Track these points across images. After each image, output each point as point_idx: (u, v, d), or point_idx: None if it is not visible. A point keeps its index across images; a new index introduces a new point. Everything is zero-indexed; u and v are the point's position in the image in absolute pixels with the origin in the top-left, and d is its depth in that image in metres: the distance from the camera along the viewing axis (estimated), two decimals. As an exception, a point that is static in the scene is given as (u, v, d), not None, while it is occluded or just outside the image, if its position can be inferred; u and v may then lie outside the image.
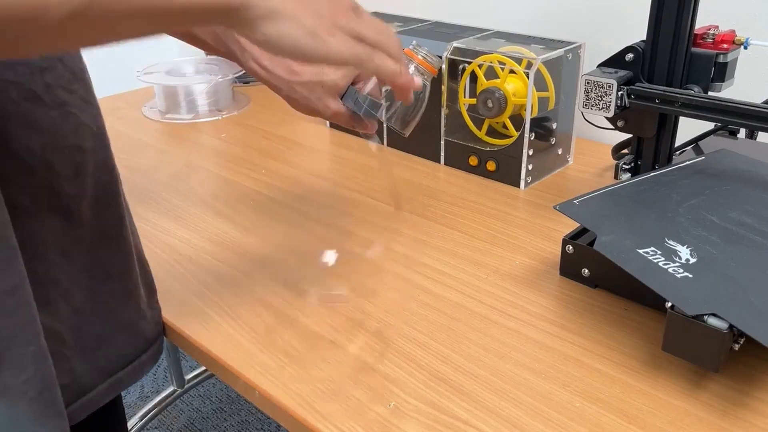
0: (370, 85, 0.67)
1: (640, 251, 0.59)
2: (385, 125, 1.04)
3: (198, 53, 1.49)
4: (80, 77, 0.55)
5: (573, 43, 0.93)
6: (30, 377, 0.49)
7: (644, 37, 0.74)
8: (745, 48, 0.72)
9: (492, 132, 0.96)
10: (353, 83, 0.67)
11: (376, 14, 1.16)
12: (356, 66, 0.51)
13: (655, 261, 0.58)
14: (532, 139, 0.89)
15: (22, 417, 0.49)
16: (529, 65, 0.87)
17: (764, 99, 0.73)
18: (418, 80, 0.59)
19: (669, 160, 0.78)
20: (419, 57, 0.67)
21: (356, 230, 0.81)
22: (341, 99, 0.67)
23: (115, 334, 0.60)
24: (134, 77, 1.22)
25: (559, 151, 0.96)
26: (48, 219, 0.52)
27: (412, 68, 0.66)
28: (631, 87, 0.73)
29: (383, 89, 0.67)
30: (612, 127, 0.78)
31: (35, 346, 0.50)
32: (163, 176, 0.97)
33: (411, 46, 0.68)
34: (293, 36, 0.45)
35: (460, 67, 0.96)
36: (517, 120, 0.91)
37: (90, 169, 0.55)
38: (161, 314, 0.66)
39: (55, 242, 0.53)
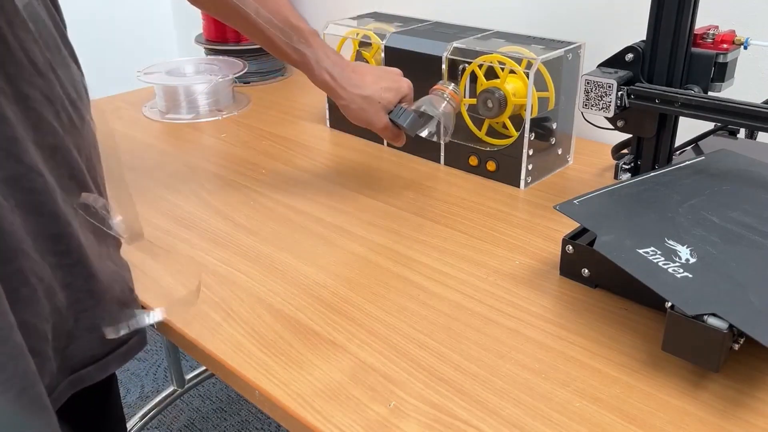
0: (413, 105, 0.85)
1: (640, 251, 0.59)
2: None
3: (198, 53, 1.50)
4: (43, 73, 0.53)
5: (573, 43, 0.93)
6: (9, 376, 0.49)
7: (644, 37, 0.74)
8: (745, 48, 0.72)
9: (492, 132, 0.96)
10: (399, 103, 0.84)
11: (376, 14, 1.16)
12: None
13: (655, 261, 0.58)
14: (532, 139, 0.89)
15: (8, 414, 0.49)
16: (529, 65, 0.87)
17: (764, 99, 0.73)
18: None
19: (669, 160, 0.78)
20: (450, 89, 0.87)
21: (356, 230, 0.81)
22: (389, 114, 0.84)
23: (84, 333, 0.59)
24: (134, 77, 1.22)
25: (559, 151, 0.96)
26: (22, 215, 0.51)
27: (447, 99, 0.86)
28: (631, 87, 0.73)
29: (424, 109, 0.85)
30: (612, 127, 0.78)
31: (10, 345, 0.49)
32: (163, 176, 0.97)
33: (441, 83, 0.88)
34: None
35: (460, 67, 0.96)
36: (517, 120, 0.91)
37: (54, 167, 0.54)
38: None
39: (32, 240, 0.52)
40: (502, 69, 0.90)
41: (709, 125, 0.85)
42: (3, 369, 0.48)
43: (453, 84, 0.87)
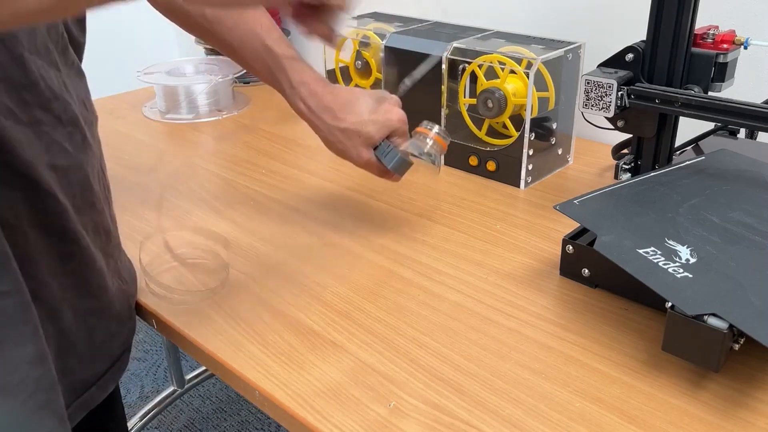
0: (403, 142, 0.74)
1: (640, 251, 0.59)
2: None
3: (198, 53, 1.50)
4: (59, 95, 0.54)
5: (573, 43, 0.93)
6: (23, 379, 0.49)
7: (644, 37, 0.74)
8: (745, 48, 0.72)
9: (492, 132, 0.96)
10: (387, 138, 0.73)
11: (376, 15, 1.16)
12: None
13: (655, 261, 0.58)
14: (532, 139, 0.89)
15: (17, 416, 0.49)
16: (529, 65, 0.87)
17: (764, 99, 0.73)
18: None
19: (669, 160, 0.78)
20: (433, 133, 0.74)
21: (356, 230, 0.81)
22: (374, 150, 0.73)
23: (90, 353, 0.60)
24: (134, 77, 1.22)
25: (559, 151, 0.96)
26: (33, 236, 0.52)
27: (429, 143, 0.74)
28: (631, 87, 0.73)
29: (418, 147, 0.74)
30: (612, 127, 0.78)
31: (31, 349, 0.49)
32: (163, 176, 0.97)
33: (423, 124, 0.75)
34: None
35: (460, 67, 0.96)
36: (517, 120, 0.91)
37: (67, 187, 0.54)
38: (132, 333, 0.66)
39: (42, 260, 0.52)
40: (502, 69, 0.90)
41: (709, 125, 0.85)
42: (17, 371, 0.49)
43: (437, 126, 0.75)
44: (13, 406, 0.49)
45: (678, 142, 0.81)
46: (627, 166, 0.81)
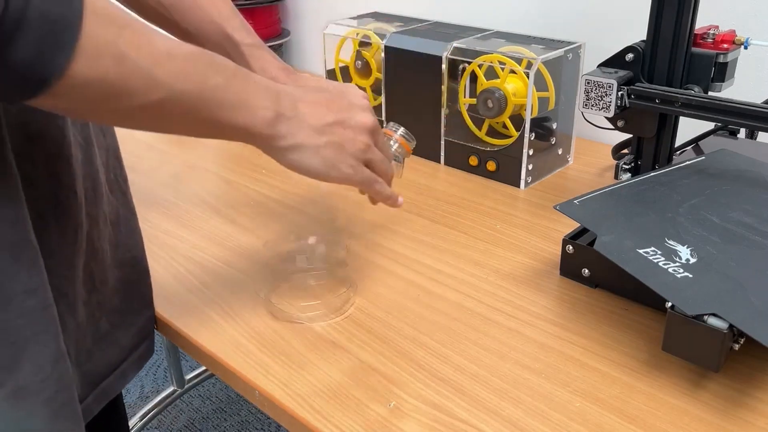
0: None
1: (640, 251, 0.59)
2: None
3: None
4: None
5: (573, 43, 0.93)
6: (47, 377, 0.49)
7: (644, 37, 0.74)
8: (745, 48, 0.72)
9: (492, 132, 0.96)
10: None
11: (376, 14, 1.16)
12: (359, 187, 0.61)
13: (655, 261, 0.58)
14: (532, 139, 0.89)
15: (38, 416, 0.49)
16: (529, 65, 0.87)
17: (764, 99, 0.73)
18: (400, 201, 0.65)
19: (669, 160, 0.78)
20: (397, 135, 0.72)
21: (356, 230, 0.81)
22: None
23: (100, 344, 0.60)
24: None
25: (559, 151, 0.96)
26: (55, 231, 0.52)
27: (394, 146, 0.71)
28: (631, 87, 0.73)
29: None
30: (612, 127, 0.78)
31: (54, 347, 0.50)
32: (163, 176, 0.97)
33: (388, 126, 0.72)
34: (312, 165, 0.56)
35: (460, 67, 0.96)
36: (517, 120, 0.91)
37: (81, 179, 0.54)
38: (151, 321, 0.66)
39: (62, 255, 0.53)
40: (502, 69, 0.90)
41: (709, 125, 0.85)
42: (41, 370, 0.49)
43: (402, 129, 0.72)
44: (36, 406, 0.49)
45: (678, 142, 0.81)
46: (627, 166, 0.81)
